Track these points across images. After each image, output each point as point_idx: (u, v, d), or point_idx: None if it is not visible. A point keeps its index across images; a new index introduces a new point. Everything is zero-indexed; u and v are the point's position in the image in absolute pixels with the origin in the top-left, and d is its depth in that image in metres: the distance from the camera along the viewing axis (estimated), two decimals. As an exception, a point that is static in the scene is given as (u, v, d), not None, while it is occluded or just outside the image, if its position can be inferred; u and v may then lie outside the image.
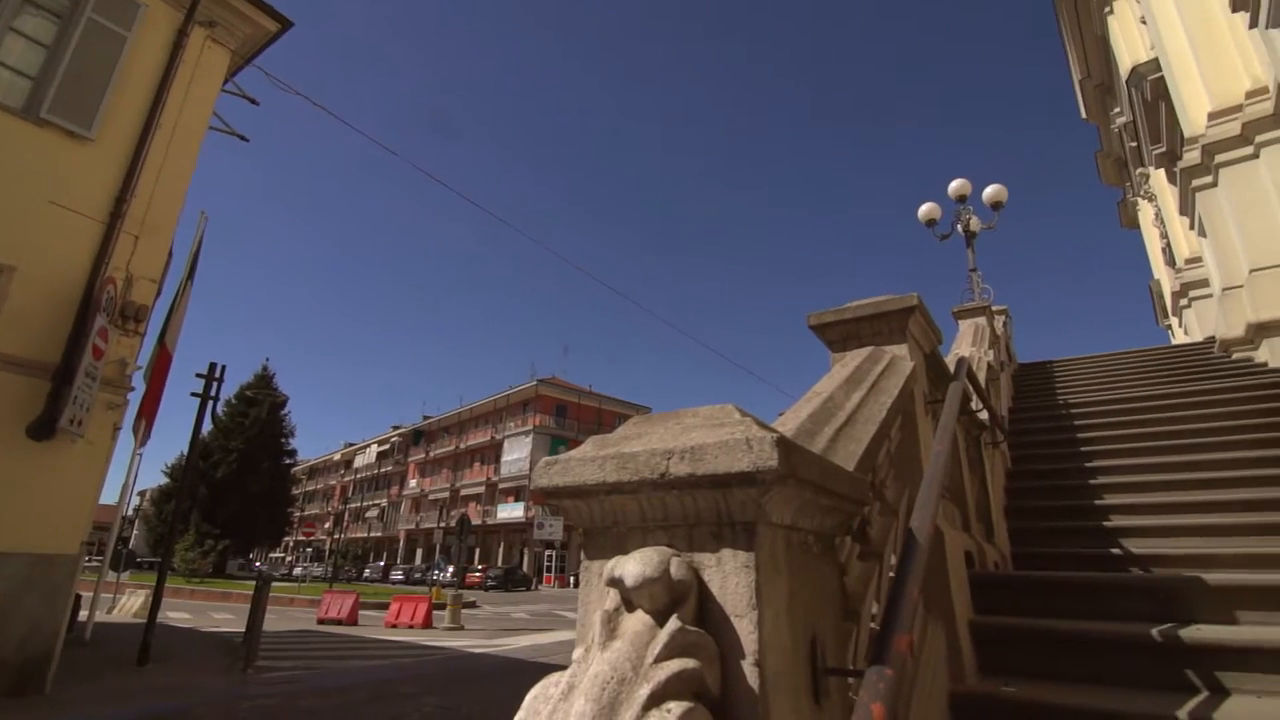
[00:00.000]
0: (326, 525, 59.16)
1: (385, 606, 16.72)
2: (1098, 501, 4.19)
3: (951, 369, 3.00)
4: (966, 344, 5.95)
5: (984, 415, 3.98)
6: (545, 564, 40.47)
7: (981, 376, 4.58)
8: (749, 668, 0.94)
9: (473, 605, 21.28)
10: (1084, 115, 19.00)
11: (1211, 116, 8.21)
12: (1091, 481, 4.53)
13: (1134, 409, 5.79)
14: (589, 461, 1.14)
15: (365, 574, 45.32)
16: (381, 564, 47.61)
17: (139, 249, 7.55)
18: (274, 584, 17.26)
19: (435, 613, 15.43)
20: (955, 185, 10.32)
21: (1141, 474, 4.46)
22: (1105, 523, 3.89)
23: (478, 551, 45.46)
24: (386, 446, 61.54)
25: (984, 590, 2.75)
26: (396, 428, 62.08)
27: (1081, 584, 2.74)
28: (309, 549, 57.48)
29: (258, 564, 47.41)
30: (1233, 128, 7.84)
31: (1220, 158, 8.00)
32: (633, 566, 1.00)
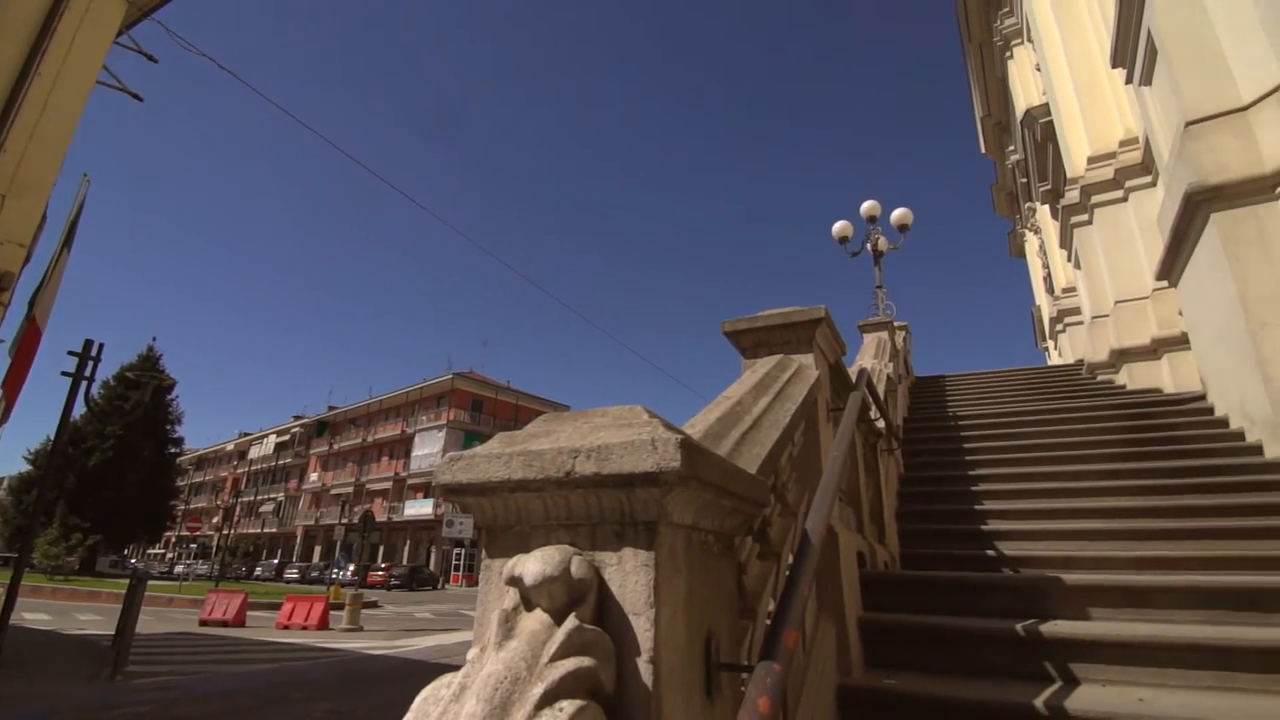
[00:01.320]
0: (215, 520, 55.01)
1: (277, 607, 15.73)
2: (978, 507, 4.54)
3: (854, 379, 3.17)
4: (869, 356, 6.29)
5: (881, 424, 4.22)
6: (454, 562, 39.35)
7: (881, 388, 4.86)
8: (644, 665, 0.96)
9: (374, 605, 20.41)
10: (983, 150, 20.54)
11: (1090, 160, 9.09)
12: (974, 488, 4.90)
13: (1013, 422, 6.32)
14: (495, 458, 1.13)
15: (257, 572, 42.42)
16: (275, 561, 44.73)
17: (6, 209, 6.74)
18: (151, 582, 15.90)
19: (333, 613, 14.69)
20: (866, 206, 10.89)
21: (1017, 482, 4.87)
22: (984, 526, 4.22)
23: (382, 549, 43.64)
24: (286, 437, 57.92)
25: (874, 589, 2.92)
26: (298, 418, 58.58)
27: (959, 583, 2.96)
28: (194, 545, 53.12)
29: (133, 561, 43.45)
30: (1107, 172, 8.71)
31: (1096, 198, 8.86)
32: (533, 565, 1.00)
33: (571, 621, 0.96)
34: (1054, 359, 16.72)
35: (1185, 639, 2.18)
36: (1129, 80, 6.69)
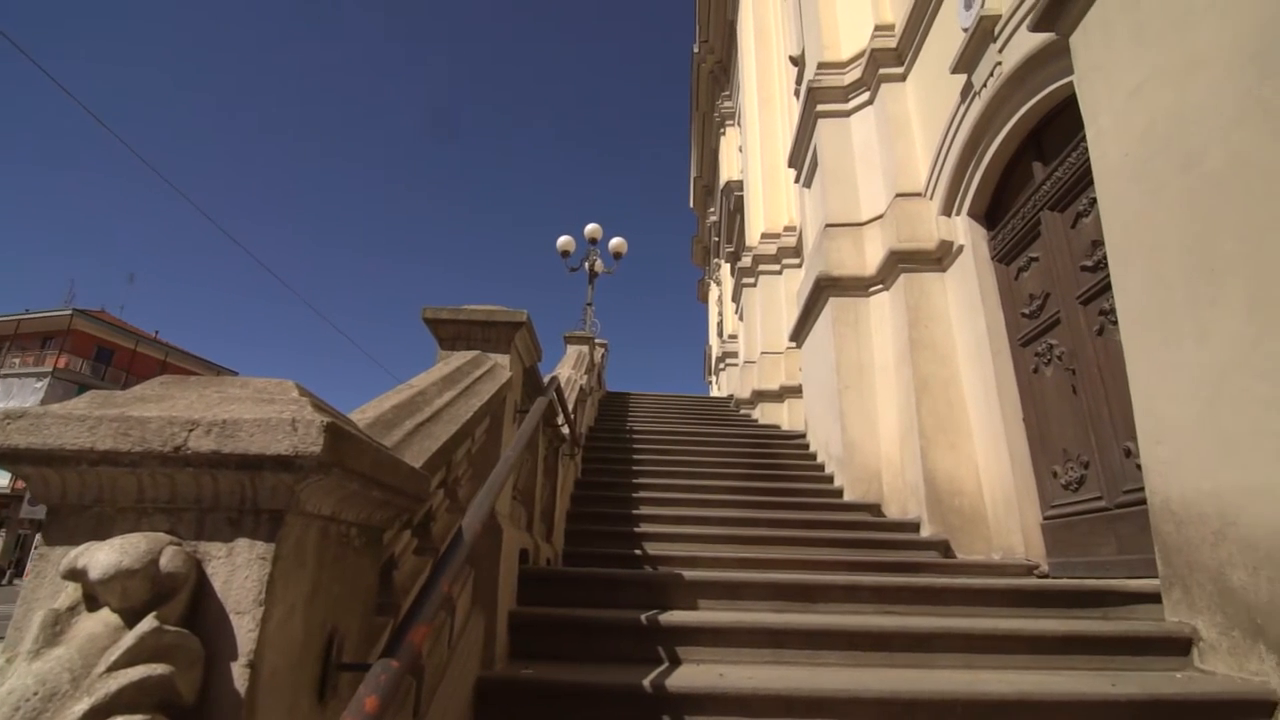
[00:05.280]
0: None
1: None
2: (635, 511, 5.12)
3: (545, 385, 3.33)
4: (568, 366, 6.68)
5: (567, 430, 4.49)
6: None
7: (572, 397, 5.18)
8: (239, 669, 0.85)
9: None
10: (691, 205, 23.62)
11: (763, 236, 11.12)
12: (636, 494, 5.51)
13: (676, 440, 7.32)
14: (75, 421, 0.90)
15: None
16: None
17: None
18: None
19: None
20: (590, 229, 11.64)
21: (670, 491, 5.62)
22: (637, 528, 4.77)
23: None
24: None
25: (534, 584, 3.07)
26: None
27: (605, 579, 3.29)
28: None
29: None
30: (772, 248, 10.76)
31: (762, 267, 10.87)
32: (106, 555, 0.82)
33: (149, 623, 0.81)
34: (715, 391, 19.89)
35: (756, 624, 2.76)
36: (797, 180, 8.39)
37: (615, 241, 11.89)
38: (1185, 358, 2.62)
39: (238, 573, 0.89)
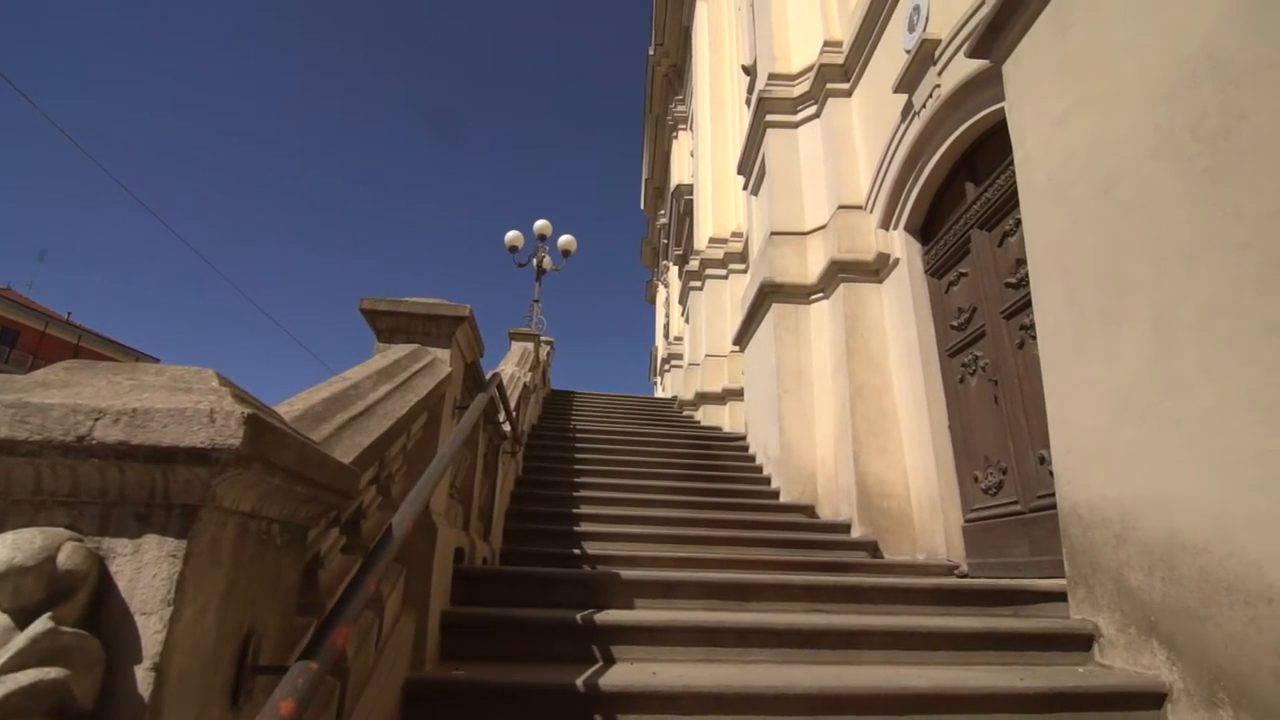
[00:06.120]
0: None
1: None
2: (576, 510, 5.10)
3: (487, 381, 3.28)
4: (512, 363, 6.59)
5: (508, 427, 4.43)
6: None
7: (515, 394, 5.12)
8: (143, 672, 0.81)
9: None
10: (643, 207, 23.70)
11: (711, 240, 11.27)
12: (578, 493, 5.49)
13: (619, 439, 7.33)
14: (-37, 406, 0.83)
15: None
16: None
17: None
18: None
19: None
20: (539, 224, 11.52)
21: (612, 491, 5.62)
22: (578, 527, 4.75)
23: None
24: None
25: (470, 583, 3.01)
26: None
27: (543, 578, 3.26)
28: None
29: None
30: (719, 253, 10.92)
31: (709, 271, 11.02)
32: (-6, 552, 0.76)
33: (43, 624, 0.75)
34: (659, 392, 20.02)
35: (691, 623, 2.79)
36: (745, 187, 8.54)
37: (564, 239, 11.82)
38: (1095, 373, 2.81)
39: (145, 571, 0.84)
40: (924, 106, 4.94)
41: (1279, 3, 2.08)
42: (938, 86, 4.75)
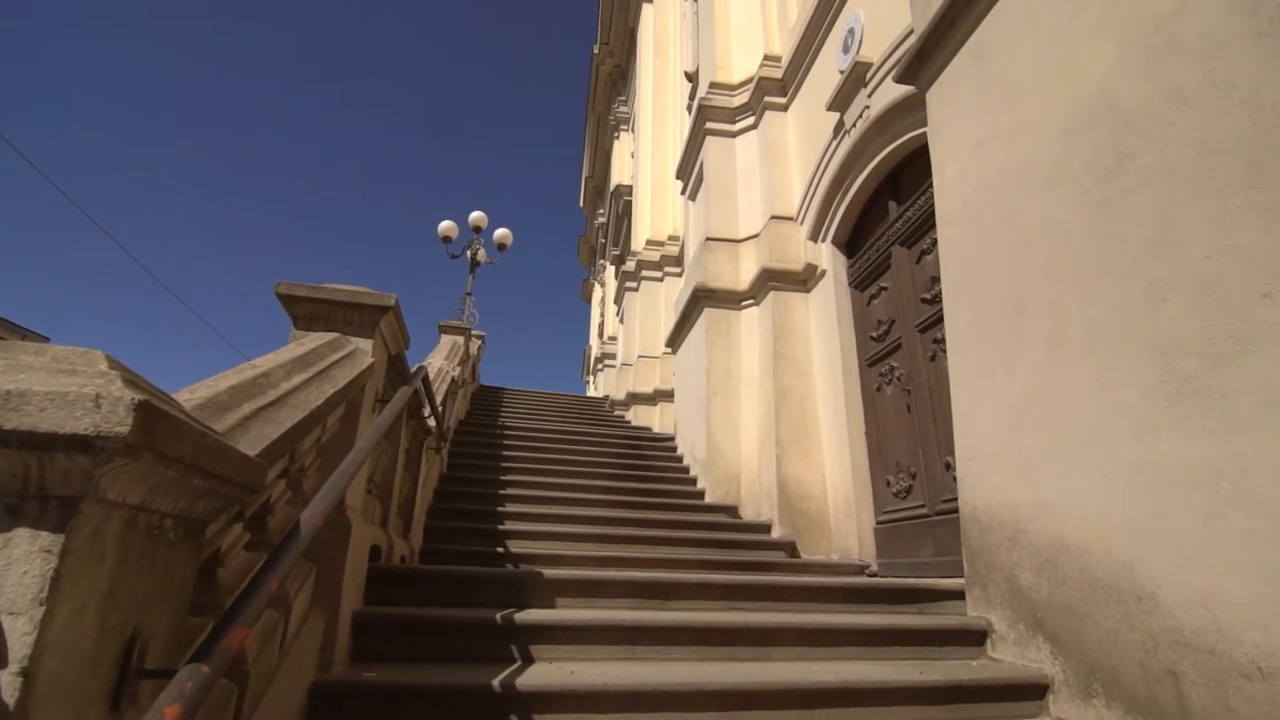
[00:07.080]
0: None
1: None
2: (501, 509, 5.02)
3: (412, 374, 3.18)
4: (441, 356, 6.42)
5: (433, 422, 4.31)
6: None
7: (442, 389, 4.99)
8: (9, 677, 0.74)
9: None
10: (581, 204, 23.59)
11: (648, 243, 11.34)
12: (504, 491, 5.40)
13: (549, 437, 7.26)
14: None
15: None
16: None
17: None
18: None
19: None
20: (475, 216, 11.28)
21: (539, 489, 5.56)
22: (503, 526, 4.68)
23: None
24: None
25: (386, 582, 2.91)
26: None
27: (464, 577, 3.19)
28: None
29: None
30: (656, 255, 11.01)
31: (645, 273, 11.09)
32: None
33: (-116, 627, 0.68)
34: (592, 391, 19.97)
35: (611, 621, 2.80)
36: (683, 192, 8.65)
37: (500, 232, 11.61)
38: (996, 386, 3.01)
39: (14, 567, 0.77)
40: (854, 126, 5.15)
41: (1166, 55, 2.29)
42: (868, 108, 4.97)
